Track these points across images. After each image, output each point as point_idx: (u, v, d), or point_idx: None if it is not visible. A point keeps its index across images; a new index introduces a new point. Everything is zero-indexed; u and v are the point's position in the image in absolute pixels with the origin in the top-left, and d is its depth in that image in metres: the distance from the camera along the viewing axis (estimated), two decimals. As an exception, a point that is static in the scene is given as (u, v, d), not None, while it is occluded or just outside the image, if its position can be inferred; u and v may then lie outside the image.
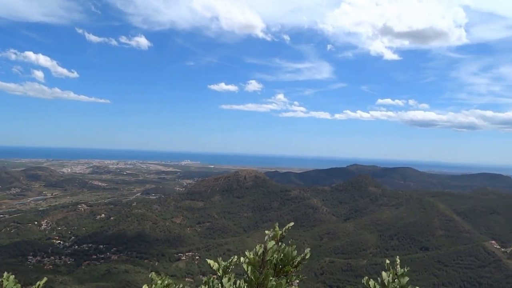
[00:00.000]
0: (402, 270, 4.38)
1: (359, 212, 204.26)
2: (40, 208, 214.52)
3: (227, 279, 4.43)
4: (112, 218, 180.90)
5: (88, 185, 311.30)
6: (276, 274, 4.52)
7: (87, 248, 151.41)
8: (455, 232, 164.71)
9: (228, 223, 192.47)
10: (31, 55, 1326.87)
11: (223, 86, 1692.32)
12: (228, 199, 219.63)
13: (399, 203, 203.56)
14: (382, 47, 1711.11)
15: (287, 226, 4.91)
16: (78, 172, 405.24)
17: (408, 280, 4.44)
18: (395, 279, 4.39)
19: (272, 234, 4.78)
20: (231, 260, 4.70)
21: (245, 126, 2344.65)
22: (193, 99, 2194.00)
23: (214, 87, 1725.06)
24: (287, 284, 4.50)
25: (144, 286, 4.93)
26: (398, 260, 4.53)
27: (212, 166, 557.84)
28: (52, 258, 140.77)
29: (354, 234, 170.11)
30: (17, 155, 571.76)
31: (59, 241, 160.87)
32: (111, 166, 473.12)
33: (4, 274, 4.62)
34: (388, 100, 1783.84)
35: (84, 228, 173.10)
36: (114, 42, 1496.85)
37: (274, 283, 4.14)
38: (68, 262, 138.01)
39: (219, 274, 4.60)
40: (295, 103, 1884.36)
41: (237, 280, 4.42)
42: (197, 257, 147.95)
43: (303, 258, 4.51)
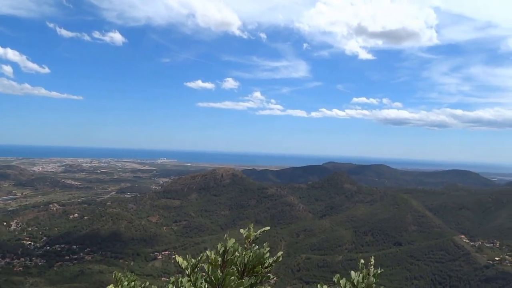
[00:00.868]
0: (375, 270, 4.35)
1: (335, 209, 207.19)
2: (10, 208, 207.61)
3: (186, 279, 4.30)
4: (85, 217, 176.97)
5: (60, 184, 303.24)
6: (246, 274, 4.44)
7: (59, 249, 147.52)
8: (427, 227, 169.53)
9: (205, 221, 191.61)
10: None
11: (199, 84, 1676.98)
12: (205, 197, 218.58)
13: (373, 200, 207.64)
14: (357, 47, 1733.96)
15: (262, 229, 4.88)
16: (50, 170, 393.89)
17: (373, 280, 4.40)
18: (365, 279, 4.36)
19: (245, 233, 4.77)
20: (200, 258, 4.58)
21: (222, 124, 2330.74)
22: (169, 97, 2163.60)
23: (191, 84, 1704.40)
24: (258, 284, 4.44)
25: (110, 286, 4.80)
26: (372, 260, 4.51)
27: (189, 164, 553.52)
28: (22, 259, 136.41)
29: (330, 231, 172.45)
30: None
31: (29, 242, 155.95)
32: (84, 165, 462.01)
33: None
34: (363, 99, 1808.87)
35: (56, 228, 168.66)
36: (87, 38, 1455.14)
37: (235, 283, 4.04)
38: (39, 264, 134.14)
39: (187, 272, 4.49)
40: (272, 101, 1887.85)
41: (198, 279, 4.29)
42: (173, 256, 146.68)
43: (275, 260, 4.45)
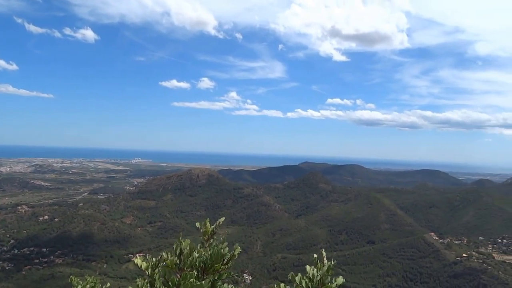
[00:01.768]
0: (329, 263, 4.43)
1: (310, 208, 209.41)
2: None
3: (141, 282, 4.25)
4: (56, 219, 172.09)
5: (29, 185, 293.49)
6: (205, 273, 4.41)
7: (28, 252, 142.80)
8: (399, 225, 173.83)
9: (180, 222, 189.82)
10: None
11: (174, 83, 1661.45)
12: (180, 198, 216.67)
13: (347, 199, 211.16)
14: (331, 49, 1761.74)
15: (218, 221, 4.77)
16: (18, 171, 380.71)
17: (328, 274, 4.47)
18: (320, 271, 4.45)
19: (202, 229, 4.70)
20: (160, 257, 4.42)
21: (198, 124, 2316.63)
22: (144, 96, 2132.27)
23: (166, 83, 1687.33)
24: (220, 282, 4.44)
25: None
26: (324, 253, 4.62)
27: (164, 164, 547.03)
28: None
29: (305, 230, 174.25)
30: None
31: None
32: (55, 165, 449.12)
33: None
34: (337, 100, 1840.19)
35: (25, 231, 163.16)
36: (57, 34, 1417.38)
37: (194, 285, 3.98)
38: (7, 268, 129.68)
39: (147, 273, 4.37)
40: (248, 101, 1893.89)
41: (157, 281, 4.22)
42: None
43: (233, 255, 4.39)
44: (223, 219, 4.92)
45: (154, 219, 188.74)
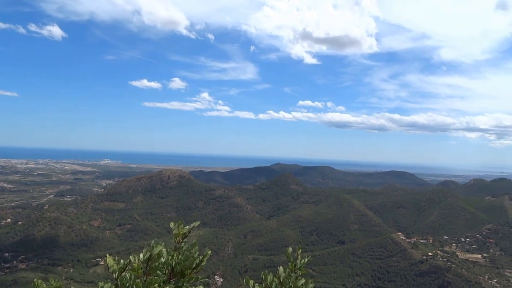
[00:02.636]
0: (302, 260, 4.43)
1: (282, 209, 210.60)
2: None
3: (107, 285, 4.14)
4: (20, 222, 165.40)
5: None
6: (173, 277, 4.29)
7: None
8: (368, 226, 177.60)
9: (150, 224, 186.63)
10: None
11: (145, 83, 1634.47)
12: (151, 200, 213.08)
13: (318, 200, 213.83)
14: (302, 51, 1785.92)
15: (192, 225, 4.65)
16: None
17: (299, 275, 4.50)
18: (292, 274, 4.43)
19: (175, 231, 4.56)
20: (128, 261, 4.28)
21: (169, 125, 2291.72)
22: (113, 95, 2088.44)
23: (136, 83, 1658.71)
24: (189, 286, 4.34)
25: None
26: (299, 251, 4.61)
27: (134, 166, 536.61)
28: None
29: (276, 231, 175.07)
30: None
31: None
32: (19, 166, 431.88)
33: None
34: (309, 102, 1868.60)
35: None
36: (22, 30, 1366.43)
37: None
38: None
39: (114, 276, 4.23)
40: (220, 102, 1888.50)
41: (124, 285, 4.10)
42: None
43: (202, 260, 4.29)
44: (197, 223, 4.79)
45: (124, 222, 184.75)
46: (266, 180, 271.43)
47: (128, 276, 4.09)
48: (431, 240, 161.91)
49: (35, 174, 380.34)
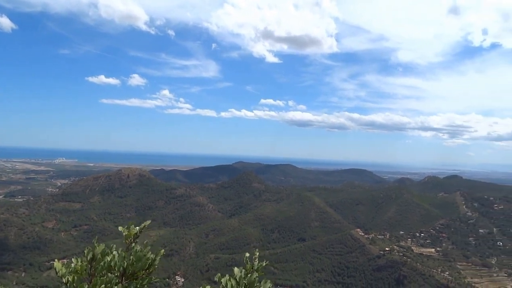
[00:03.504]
0: (260, 264, 4.27)
1: (244, 208, 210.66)
2: None
3: None
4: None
5: None
6: (125, 279, 4.08)
7: None
8: (328, 223, 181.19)
9: (108, 224, 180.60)
10: None
11: (103, 79, 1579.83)
12: (109, 199, 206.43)
13: (280, 198, 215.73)
14: (264, 50, 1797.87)
15: (143, 225, 4.59)
16: None
17: (257, 276, 4.33)
18: (248, 275, 4.27)
19: (125, 232, 4.43)
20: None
21: (128, 122, 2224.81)
22: (68, 92, 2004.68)
23: (93, 79, 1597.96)
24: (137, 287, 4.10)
25: None
26: (257, 254, 4.49)
27: (91, 165, 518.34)
28: None
29: (238, 230, 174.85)
30: None
31: None
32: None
33: None
34: (270, 101, 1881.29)
35: None
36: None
37: None
38: None
39: (64, 281, 3.99)
40: (181, 100, 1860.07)
41: None
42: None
43: (154, 260, 4.14)
44: (148, 223, 4.73)
45: (80, 223, 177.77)
46: (228, 178, 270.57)
47: (70, 279, 3.91)
48: (388, 235, 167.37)
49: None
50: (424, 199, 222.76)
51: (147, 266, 4.20)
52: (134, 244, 4.40)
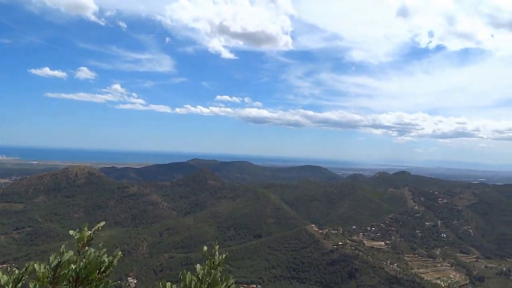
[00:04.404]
0: (220, 257, 4.17)
1: (199, 205, 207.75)
2: None
3: None
4: None
5: None
6: (78, 284, 3.88)
7: None
8: (284, 219, 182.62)
9: (54, 226, 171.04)
10: None
11: (47, 71, 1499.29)
12: (55, 199, 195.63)
13: (236, 195, 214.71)
14: (219, 45, 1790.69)
15: (97, 226, 4.37)
16: None
17: (219, 274, 4.17)
18: (211, 272, 4.15)
19: (77, 235, 4.08)
20: (25, 270, 3.88)
21: (76, 117, 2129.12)
22: (10, 84, 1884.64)
23: (37, 71, 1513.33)
24: None
25: None
26: (216, 247, 4.34)
27: (35, 163, 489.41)
28: None
29: (194, 228, 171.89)
30: None
31: None
32: None
33: None
34: (226, 97, 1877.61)
35: None
36: None
37: None
38: None
39: None
40: (134, 94, 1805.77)
41: None
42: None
43: (111, 262, 3.97)
44: (102, 224, 4.43)
45: (22, 225, 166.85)
46: (183, 176, 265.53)
47: (31, 286, 3.79)
48: (341, 230, 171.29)
49: None
50: (375, 194, 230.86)
51: (103, 269, 3.93)
52: (88, 247, 4.08)
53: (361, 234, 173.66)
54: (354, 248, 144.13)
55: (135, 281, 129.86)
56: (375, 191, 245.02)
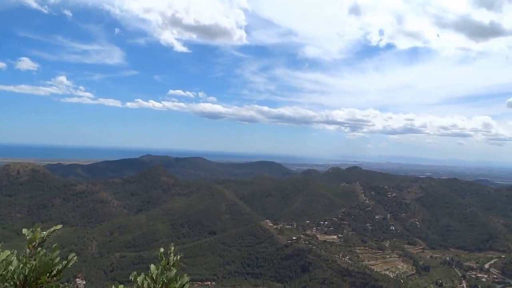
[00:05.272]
0: (175, 258, 4.14)
1: (152, 203, 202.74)
2: None
3: None
4: None
5: None
6: (26, 287, 3.79)
7: None
8: (238, 215, 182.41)
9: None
10: None
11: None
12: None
13: (190, 192, 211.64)
14: (172, 38, 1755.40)
15: (52, 229, 4.20)
16: None
17: (176, 271, 4.16)
18: (165, 271, 4.11)
19: (29, 236, 4.05)
20: None
21: (17, 111, 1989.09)
22: None
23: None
24: None
25: None
26: (172, 248, 4.31)
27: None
28: None
29: (146, 226, 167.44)
30: None
31: None
32: None
33: None
34: (180, 92, 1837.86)
35: None
36: None
37: None
38: None
39: None
40: (81, 87, 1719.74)
41: None
42: None
43: (65, 266, 3.87)
44: (59, 227, 4.33)
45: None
46: (135, 172, 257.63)
47: None
48: (295, 225, 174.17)
49: None
50: (328, 189, 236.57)
51: (55, 272, 3.77)
52: (39, 248, 3.96)
53: (314, 228, 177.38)
54: (307, 242, 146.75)
55: (84, 282, 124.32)
56: (328, 186, 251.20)
